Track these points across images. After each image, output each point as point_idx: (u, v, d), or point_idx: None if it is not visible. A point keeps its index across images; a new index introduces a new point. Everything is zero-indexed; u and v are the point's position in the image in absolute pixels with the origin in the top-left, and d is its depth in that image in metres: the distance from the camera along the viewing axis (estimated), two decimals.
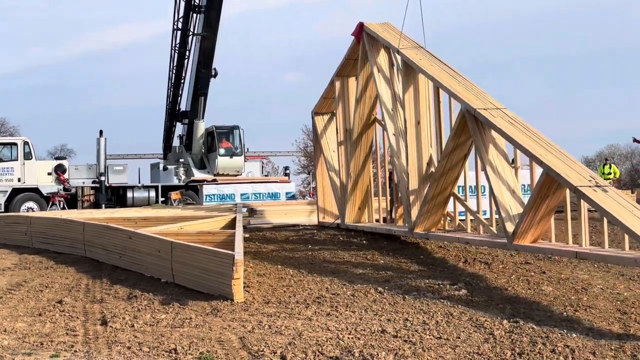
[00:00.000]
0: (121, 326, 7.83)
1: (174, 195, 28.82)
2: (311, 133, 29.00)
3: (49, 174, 28.51)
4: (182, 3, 29.17)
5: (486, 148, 10.21)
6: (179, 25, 29.76)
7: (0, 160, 27.89)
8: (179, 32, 29.94)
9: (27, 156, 28.13)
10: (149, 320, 8.10)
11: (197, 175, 30.96)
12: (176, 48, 30.42)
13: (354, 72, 14.94)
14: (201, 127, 31.66)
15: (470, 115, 10.29)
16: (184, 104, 31.92)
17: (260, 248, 13.68)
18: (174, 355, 6.64)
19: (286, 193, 28.88)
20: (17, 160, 27.99)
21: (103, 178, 29.00)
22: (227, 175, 30.78)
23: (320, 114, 16.87)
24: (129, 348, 6.90)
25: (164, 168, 32.18)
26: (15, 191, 27.42)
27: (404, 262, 11.70)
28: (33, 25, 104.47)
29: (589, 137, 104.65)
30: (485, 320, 7.69)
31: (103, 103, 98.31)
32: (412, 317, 7.89)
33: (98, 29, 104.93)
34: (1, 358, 6.60)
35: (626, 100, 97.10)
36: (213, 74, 29.97)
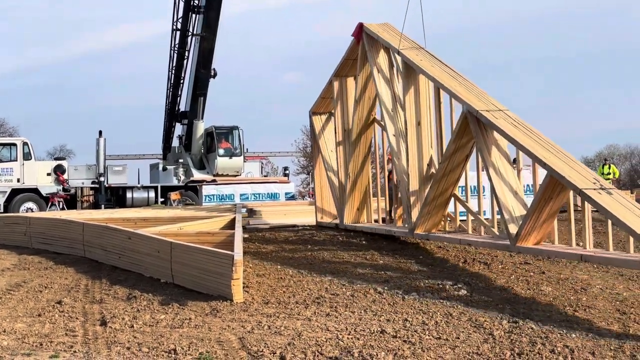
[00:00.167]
0: (120, 326, 7.83)
1: (174, 195, 28.78)
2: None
3: (49, 175, 28.50)
4: (181, 3, 29.15)
5: (489, 150, 10.17)
6: (178, 25, 29.71)
7: None
8: (178, 33, 29.89)
9: (27, 157, 28.12)
10: (149, 320, 8.10)
11: (197, 175, 30.94)
12: (175, 48, 30.38)
13: (353, 72, 14.90)
14: (200, 128, 31.64)
15: (472, 116, 10.24)
16: (184, 105, 31.91)
17: (259, 248, 13.67)
18: (174, 355, 6.63)
19: (285, 193, 28.86)
20: (17, 160, 27.97)
21: (102, 178, 28.97)
22: (227, 175, 30.75)
23: (318, 114, 16.85)
24: (129, 348, 6.90)
25: (164, 168, 32.15)
26: (14, 192, 27.41)
27: (404, 263, 11.69)
28: (33, 25, 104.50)
29: (589, 138, 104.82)
30: (484, 320, 7.69)
31: (103, 103, 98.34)
32: (412, 318, 7.89)
33: (98, 29, 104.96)
34: (1, 358, 6.60)
35: (626, 101, 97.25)
36: (212, 74, 29.95)
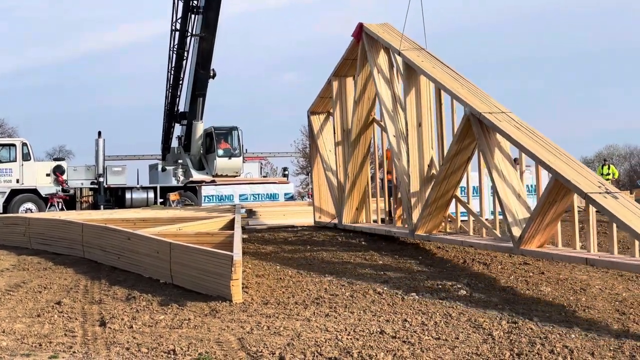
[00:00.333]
0: (120, 327, 7.82)
1: (173, 196, 28.81)
2: None
3: (48, 175, 28.53)
4: (181, 4, 29.18)
5: (491, 152, 10.12)
6: (177, 26, 29.75)
7: None
8: (177, 33, 29.93)
9: (26, 157, 28.15)
10: (148, 321, 8.10)
11: (196, 176, 30.97)
12: (174, 49, 30.40)
13: (352, 72, 14.88)
14: (200, 128, 31.67)
15: (475, 119, 10.19)
16: (183, 105, 31.94)
17: (258, 249, 13.66)
18: (173, 356, 6.63)
19: (285, 194, 28.90)
20: (16, 161, 28.01)
21: (102, 179, 29.01)
22: (226, 176, 30.78)
23: (316, 114, 16.83)
24: (128, 349, 6.89)
25: (163, 169, 32.18)
26: (13, 192, 27.44)
27: (403, 263, 11.68)
28: (33, 25, 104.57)
29: (589, 138, 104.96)
30: (484, 320, 7.69)
31: (103, 103, 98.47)
32: (411, 318, 7.89)
33: (98, 29, 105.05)
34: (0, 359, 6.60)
35: (626, 100, 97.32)
36: (211, 75, 29.98)
